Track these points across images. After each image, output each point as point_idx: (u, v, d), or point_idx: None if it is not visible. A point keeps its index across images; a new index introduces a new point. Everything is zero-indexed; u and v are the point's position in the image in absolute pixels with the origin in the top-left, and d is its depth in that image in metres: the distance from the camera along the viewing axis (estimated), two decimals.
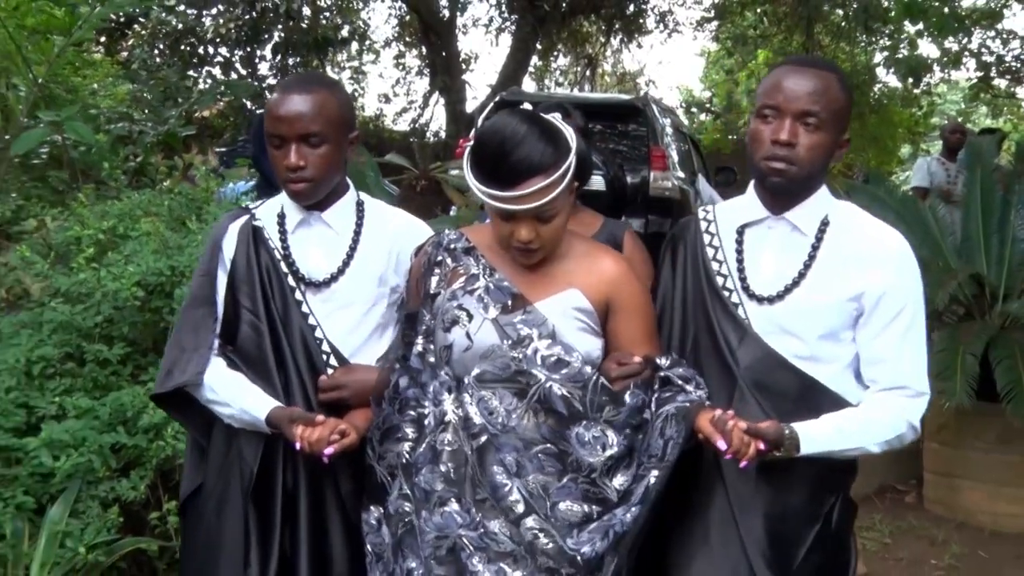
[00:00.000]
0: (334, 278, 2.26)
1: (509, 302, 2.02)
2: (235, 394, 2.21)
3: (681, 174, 9.16)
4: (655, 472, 1.94)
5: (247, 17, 13.84)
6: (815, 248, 2.05)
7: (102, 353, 3.44)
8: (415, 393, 2.09)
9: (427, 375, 2.08)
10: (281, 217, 2.30)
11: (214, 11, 14.09)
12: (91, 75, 8.18)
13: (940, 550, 4.51)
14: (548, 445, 1.97)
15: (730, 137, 19.02)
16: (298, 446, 2.06)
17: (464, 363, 2.02)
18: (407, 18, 17.95)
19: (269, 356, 2.23)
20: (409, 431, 2.07)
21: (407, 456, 2.06)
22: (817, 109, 1.96)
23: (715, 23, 17.77)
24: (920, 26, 7.73)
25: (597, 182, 9.69)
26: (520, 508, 1.95)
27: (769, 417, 1.95)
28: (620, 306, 2.06)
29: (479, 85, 25.54)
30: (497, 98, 10.34)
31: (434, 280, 2.10)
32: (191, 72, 14.27)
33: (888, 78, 15.99)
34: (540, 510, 1.95)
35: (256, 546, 2.19)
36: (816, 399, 2.01)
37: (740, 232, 2.13)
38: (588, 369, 1.98)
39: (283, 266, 2.26)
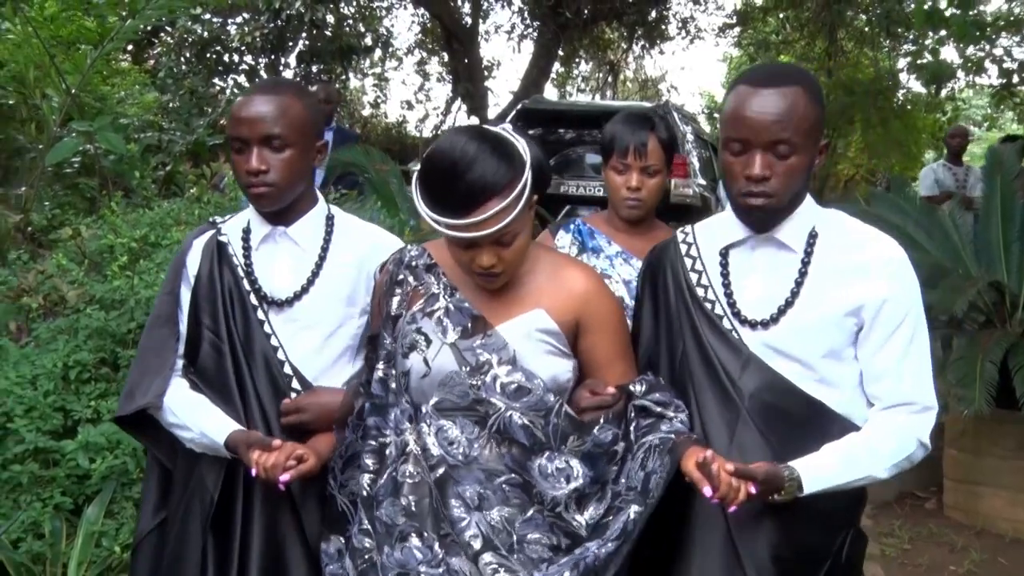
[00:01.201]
0: (297, 297, 2.15)
1: (469, 325, 1.89)
2: (195, 417, 2.11)
3: (702, 181, 9.23)
4: (635, 508, 1.80)
5: (272, 25, 13.96)
6: (805, 264, 1.92)
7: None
8: (376, 421, 1.97)
9: (389, 401, 1.96)
10: (246, 232, 2.20)
11: (239, 20, 14.22)
12: (119, 83, 8.34)
13: (959, 556, 4.53)
14: (512, 475, 1.85)
15: None
16: (254, 472, 1.97)
17: (422, 390, 1.89)
18: (429, 25, 18.08)
19: (230, 377, 2.13)
20: (370, 462, 1.96)
21: (367, 488, 1.95)
22: (787, 136, 1.81)
23: (737, 29, 17.80)
24: (942, 33, 7.75)
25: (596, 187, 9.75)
26: (477, 544, 1.83)
27: (772, 447, 1.85)
28: (591, 324, 1.93)
29: (501, 92, 25.69)
30: (519, 105, 10.45)
31: (395, 300, 1.97)
32: (216, 80, 14.46)
33: (913, 83, 15.96)
34: (503, 544, 1.83)
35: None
36: (824, 425, 1.89)
37: (724, 254, 2.00)
38: (551, 397, 1.85)
39: (245, 284, 2.16)
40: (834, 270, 1.90)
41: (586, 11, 16.21)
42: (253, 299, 2.15)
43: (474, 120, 15.63)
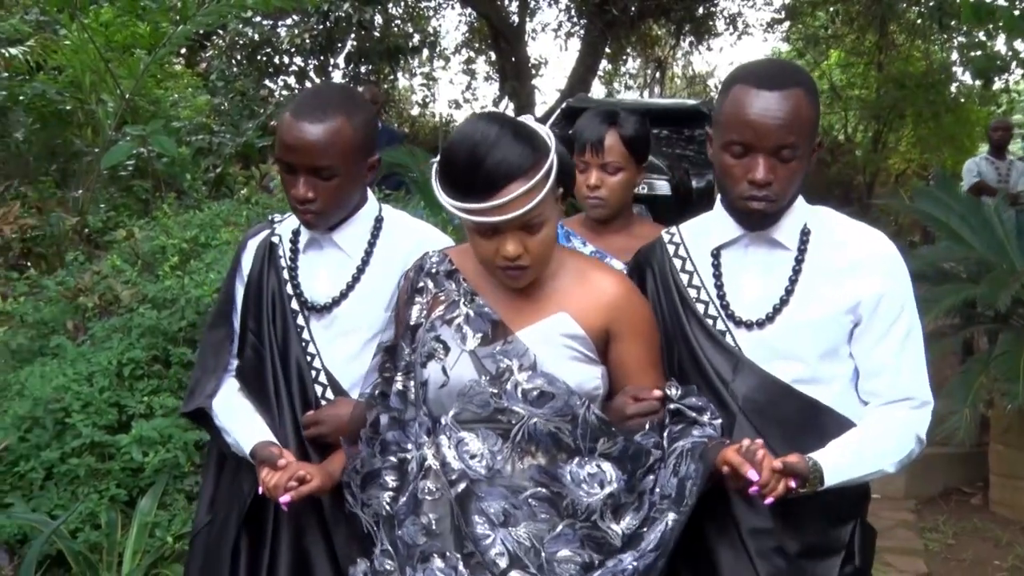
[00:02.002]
0: (336, 303, 2.09)
1: (489, 331, 1.80)
2: (234, 423, 2.10)
3: None
4: (672, 516, 1.74)
5: (321, 27, 14.15)
6: (799, 261, 1.88)
7: (186, 356, 3.66)
8: (396, 436, 1.89)
9: (409, 415, 1.88)
10: (295, 234, 2.15)
11: (289, 22, 14.43)
12: (172, 87, 8.51)
13: (1004, 551, 4.51)
14: (539, 489, 1.75)
15: None
16: (259, 490, 1.95)
17: (441, 401, 1.80)
18: (477, 24, 18.17)
19: (268, 384, 2.10)
20: (390, 479, 1.88)
21: (388, 507, 1.87)
22: (792, 140, 1.78)
23: (786, 24, 17.62)
24: (990, 27, 7.64)
25: (662, 186, 9.86)
26: (503, 563, 1.73)
27: (770, 449, 1.76)
28: (622, 331, 1.83)
29: (548, 90, 25.75)
30: (563, 104, 10.48)
31: (415, 309, 1.89)
32: (267, 82, 14.69)
33: (966, 76, 15.70)
34: (532, 563, 1.73)
35: None
36: (822, 423, 1.86)
37: (715, 255, 1.94)
38: (576, 400, 1.75)
39: (288, 288, 2.12)
40: (828, 267, 1.88)
41: (633, 8, 16.17)
42: (294, 304, 2.10)
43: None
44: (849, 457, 1.81)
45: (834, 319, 1.86)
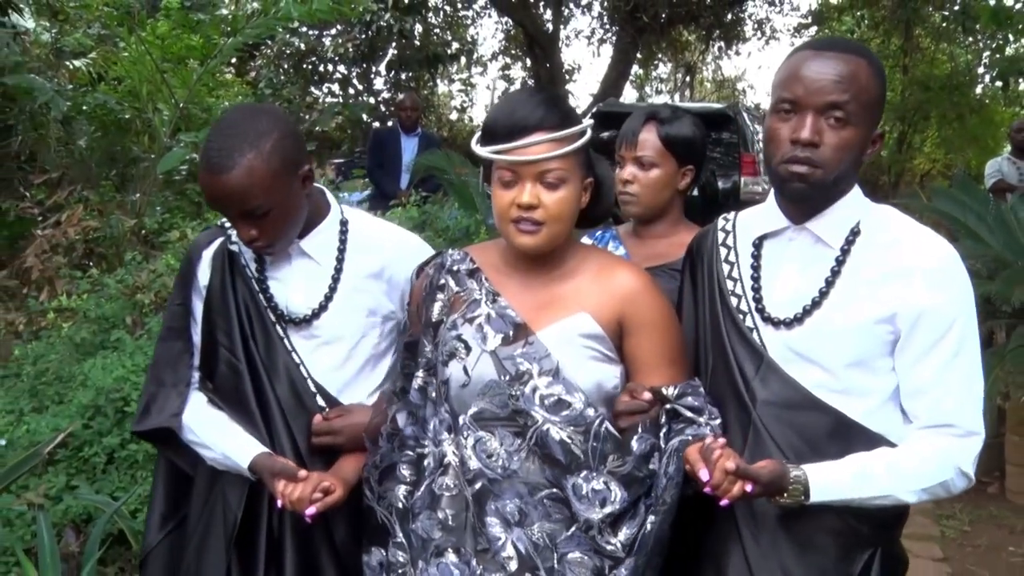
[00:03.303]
0: (316, 315, 1.98)
1: (511, 332, 1.75)
2: (217, 438, 1.97)
3: None
4: (651, 518, 1.68)
5: (363, 37, 14.34)
6: (840, 262, 1.69)
7: None
8: (414, 431, 1.85)
9: (428, 411, 1.84)
10: None
11: (333, 32, 14.64)
12: (223, 95, 8.66)
13: (1019, 538, 4.49)
14: (554, 490, 1.71)
15: None
16: (279, 504, 1.85)
17: (462, 400, 1.76)
18: (513, 32, 18.25)
19: (249, 397, 1.97)
20: (406, 473, 1.84)
21: (403, 501, 1.83)
22: (844, 100, 1.59)
23: (813, 29, 17.52)
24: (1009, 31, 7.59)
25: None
26: (513, 566, 1.70)
27: (785, 459, 1.63)
28: (635, 324, 1.76)
29: (581, 94, 25.74)
30: (594, 109, 10.53)
31: (436, 306, 1.84)
32: (312, 89, 14.88)
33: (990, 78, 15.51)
34: (545, 563, 1.69)
35: None
36: (850, 439, 1.66)
37: (757, 245, 1.79)
38: (591, 412, 1.70)
39: (262, 299, 1.99)
40: (871, 272, 1.67)
41: (663, 15, 16.17)
42: (271, 315, 1.99)
43: None
44: (850, 475, 1.62)
45: (865, 328, 1.66)
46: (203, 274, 2.04)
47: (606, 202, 1.91)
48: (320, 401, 1.98)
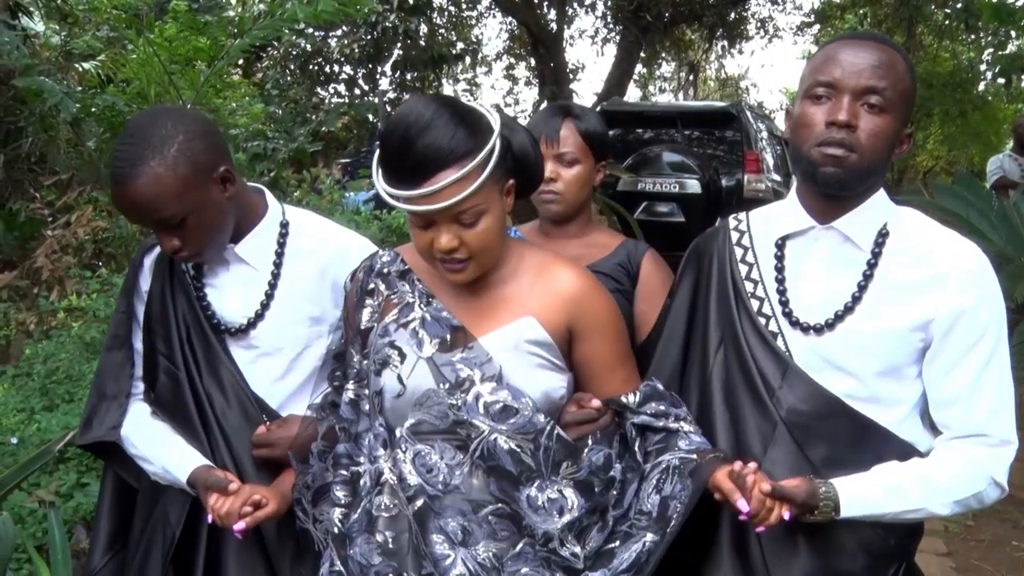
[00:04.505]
0: (252, 324, 1.85)
1: (448, 337, 1.59)
2: (157, 450, 1.86)
3: (776, 176, 9.21)
4: (651, 536, 1.55)
5: (369, 38, 14.34)
6: (872, 265, 1.62)
7: None
8: (348, 448, 1.69)
9: (361, 426, 1.67)
10: None
11: (339, 33, 14.65)
12: (230, 96, 8.68)
13: (1022, 533, 4.49)
14: (499, 505, 1.56)
15: None
16: (209, 518, 1.73)
17: (398, 412, 1.60)
18: (517, 32, 18.25)
19: (190, 407, 1.85)
20: (341, 494, 1.68)
21: (338, 525, 1.67)
22: (883, 86, 1.54)
23: (815, 27, 17.51)
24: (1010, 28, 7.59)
25: (693, 185, 9.95)
26: None
27: (811, 467, 1.58)
28: (586, 329, 1.62)
29: (586, 93, 25.76)
30: (598, 109, 10.53)
31: (365, 313, 1.67)
32: (319, 90, 14.91)
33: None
34: None
35: None
36: (878, 447, 1.60)
37: (780, 246, 1.70)
38: (541, 418, 1.55)
39: (199, 307, 1.88)
40: (904, 276, 1.61)
41: (667, 14, 16.17)
42: (208, 324, 1.87)
43: None
44: (881, 490, 1.56)
45: (900, 336, 1.59)
46: (144, 280, 1.94)
47: (534, 175, 1.69)
48: (262, 415, 1.86)
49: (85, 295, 4.35)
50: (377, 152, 1.55)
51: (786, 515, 1.49)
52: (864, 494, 1.54)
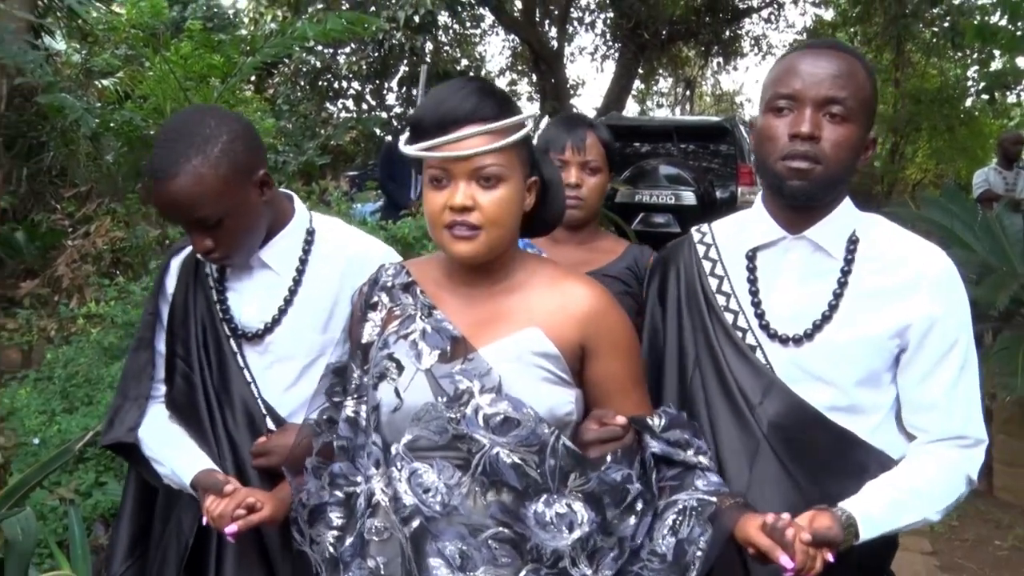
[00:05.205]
0: (268, 329, 1.79)
1: (448, 348, 1.48)
2: (168, 453, 1.81)
3: None
4: None
5: (376, 55, 14.40)
6: (845, 273, 1.57)
7: None
8: (344, 468, 1.56)
9: (359, 443, 1.55)
10: None
11: (347, 50, 14.72)
12: (243, 111, 8.75)
13: (1004, 532, 4.52)
14: (501, 529, 1.42)
15: None
16: (204, 520, 1.67)
17: (395, 427, 1.47)
18: (519, 49, 18.33)
19: (202, 412, 1.81)
20: (335, 516, 1.56)
21: (331, 549, 1.55)
22: (844, 96, 1.51)
23: None
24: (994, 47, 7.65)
25: (689, 196, 10.02)
26: None
27: (795, 481, 1.53)
28: (600, 348, 1.51)
29: (586, 108, 25.73)
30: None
31: (367, 327, 1.57)
32: (328, 105, 14.96)
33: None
34: None
35: None
36: (856, 459, 1.55)
37: (751, 258, 1.64)
38: (545, 428, 1.42)
39: (218, 310, 1.82)
40: (876, 283, 1.57)
41: (664, 32, 16.25)
42: (226, 328, 1.82)
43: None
44: (888, 506, 1.50)
45: (878, 344, 1.55)
46: (170, 282, 1.90)
47: (556, 206, 1.62)
48: (270, 423, 1.79)
49: (103, 302, 4.38)
50: (407, 122, 1.52)
51: (830, 557, 1.41)
52: (874, 514, 1.48)
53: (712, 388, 1.61)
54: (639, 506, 1.48)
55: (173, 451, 1.80)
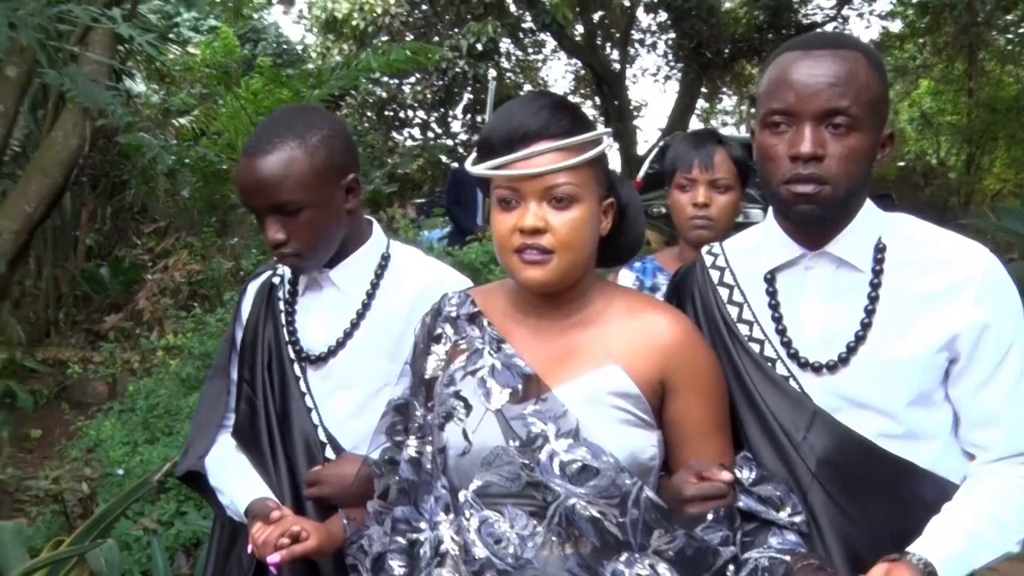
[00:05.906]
0: (332, 352, 1.70)
1: (520, 386, 1.36)
2: (230, 482, 1.73)
3: None
4: None
5: (440, 83, 14.60)
6: (875, 286, 1.39)
7: None
8: (406, 512, 1.46)
9: (423, 488, 1.45)
10: (295, 274, 1.78)
11: (412, 80, 14.94)
12: None
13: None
14: None
15: (899, 164, 18.30)
16: (249, 548, 1.58)
17: (463, 471, 1.36)
18: (582, 72, 18.37)
19: (263, 438, 1.72)
20: (396, 564, 1.45)
21: None
22: (846, 104, 1.32)
23: None
24: None
25: (757, 215, 9.90)
26: None
27: (847, 515, 1.36)
28: (681, 384, 1.37)
29: (649, 129, 25.76)
30: (660, 143, 10.55)
31: (431, 361, 1.47)
32: (394, 134, 15.20)
33: None
34: None
35: None
36: (919, 491, 1.37)
37: (769, 280, 1.47)
38: (626, 478, 1.30)
39: (285, 333, 1.75)
40: (915, 291, 1.38)
41: (726, 50, 16.12)
42: (291, 352, 1.74)
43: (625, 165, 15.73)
44: (965, 544, 1.30)
45: (925, 359, 1.37)
46: (245, 307, 1.84)
47: (634, 231, 1.51)
48: (330, 452, 1.69)
49: (181, 334, 4.48)
50: (476, 141, 1.43)
51: None
52: (952, 555, 1.28)
53: (749, 424, 1.43)
54: (729, 571, 1.33)
55: (234, 481, 1.72)
